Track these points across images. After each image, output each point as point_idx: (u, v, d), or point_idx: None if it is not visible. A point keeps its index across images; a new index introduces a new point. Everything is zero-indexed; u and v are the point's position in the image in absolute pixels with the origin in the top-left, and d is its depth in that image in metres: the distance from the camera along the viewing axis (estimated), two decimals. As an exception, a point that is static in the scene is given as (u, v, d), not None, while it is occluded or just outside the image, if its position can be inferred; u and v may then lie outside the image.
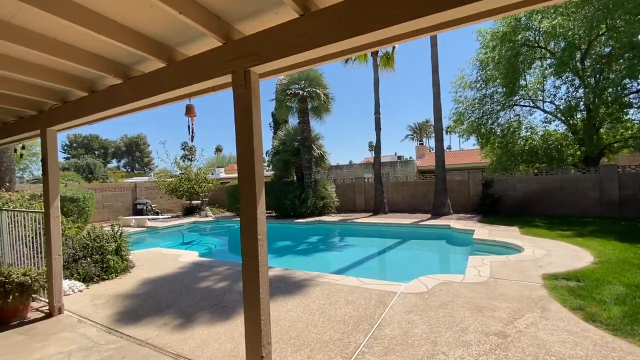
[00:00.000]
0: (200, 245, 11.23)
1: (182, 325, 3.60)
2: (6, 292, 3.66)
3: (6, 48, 2.67)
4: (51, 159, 3.99)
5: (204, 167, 19.32)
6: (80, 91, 3.41)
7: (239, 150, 2.26)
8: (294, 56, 2.05)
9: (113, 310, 4.09)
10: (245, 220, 2.25)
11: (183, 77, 2.58)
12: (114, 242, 5.81)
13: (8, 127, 4.71)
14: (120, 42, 2.37)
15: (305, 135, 14.81)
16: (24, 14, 2.20)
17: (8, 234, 5.09)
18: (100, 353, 3.04)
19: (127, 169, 58.33)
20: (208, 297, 4.47)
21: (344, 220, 13.02)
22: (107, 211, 16.31)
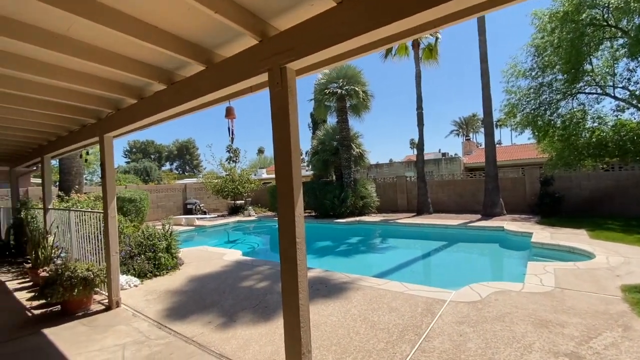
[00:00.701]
0: (244, 244, 11.59)
1: (225, 325, 3.66)
2: (72, 285, 4.00)
3: (67, 61, 2.89)
4: (108, 163, 4.30)
5: (246, 168, 20.06)
6: (131, 98, 3.61)
7: (276, 150, 2.19)
8: (332, 48, 1.93)
9: (163, 306, 4.30)
10: (283, 223, 2.17)
11: (221, 78, 2.59)
12: (165, 241, 6.16)
13: (73, 135, 5.19)
14: (163, 47, 2.42)
15: (343, 134, 14.65)
16: (78, 25, 2.33)
17: (76, 232, 5.62)
18: (151, 348, 3.18)
19: (179, 171, 62.62)
20: (250, 297, 4.52)
21: (385, 220, 12.64)
22: (160, 211, 17.56)
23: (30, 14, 2.18)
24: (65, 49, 2.47)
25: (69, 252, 5.67)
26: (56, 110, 4.11)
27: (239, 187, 17.97)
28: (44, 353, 3.16)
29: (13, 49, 2.65)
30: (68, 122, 4.81)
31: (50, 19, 2.24)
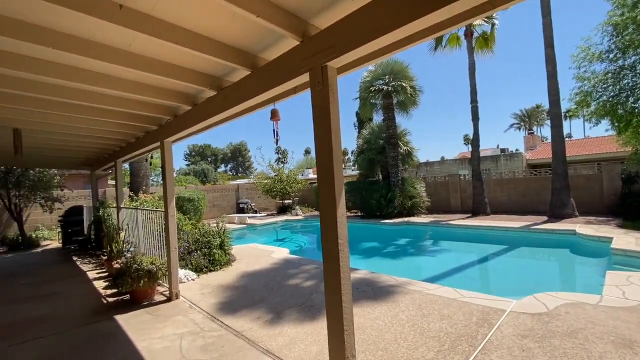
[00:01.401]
0: (291, 242, 11.87)
1: (272, 321, 3.75)
2: (139, 277, 4.43)
3: (131, 74, 3.19)
4: (168, 165, 4.68)
5: (294, 169, 20.57)
6: (186, 105, 3.88)
7: (317, 150, 2.17)
8: (374, 42, 1.85)
9: (216, 300, 4.55)
10: (325, 223, 2.14)
11: (265, 81, 2.65)
12: (219, 238, 6.54)
13: (139, 140, 5.75)
14: (213, 56, 2.55)
15: (390, 132, 14.25)
16: (139, 41, 2.55)
17: (143, 229, 6.23)
18: (205, 339, 3.38)
19: (232, 172, 66.32)
20: (296, 295, 4.59)
21: (436, 221, 12.01)
22: (216, 209, 18.76)
23: (98, 33, 2.44)
24: (129, 62, 2.73)
25: (137, 246, 6.29)
26: (125, 119, 4.58)
27: (287, 187, 18.49)
28: (115, 338, 3.53)
29: (87, 66, 3.00)
30: (135, 129, 5.34)
31: (115, 37, 2.49)
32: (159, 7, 2.11)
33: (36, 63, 2.79)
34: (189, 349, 3.19)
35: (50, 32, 2.34)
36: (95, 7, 1.95)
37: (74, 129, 5.20)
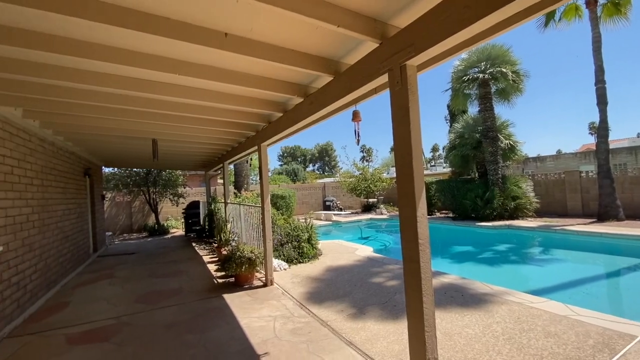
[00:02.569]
0: (375, 241, 11.82)
1: (355, 316, 3.89)
2: (241, 263, 5.12)
3: (233, 89, 3.74)
4: (264, 166, 5.27)
5: (379, 167, 20.36)
6: (277, 112, 4.32)
7: (396, 150, 2.20)
8: (458, 34, 1.77)
9: (304, 289, 4.93)
10: (404, 223, 2.15)
11: (347, 85, 2.78)
12: (307, 233, 7.02)
13: (241, 145, 6.60)
14: (299, 66, 2.81)
15: (487, 125, 12.81)
16: (241, 62, 2.99)
17: (244, 222, 7.13)
18: (294, 323, 3.73)
19: (319, 171, 69.16)
20: (379, 293, 4.62)
21: (546, 226, 10.33)
22: (304, 206, 19.96)
23: (210, 58, 2.94)
24: (233, 80, 3.21)
25: (240, 236, 7.24)
26: (230, 127, 5.35)
27: (371, 185, 18.43)
28: (223, 312, 4.18)
29: (202, 86, 3.64)
30: (237, 135, 6.17)
31: (223, 60, 2.97)
32: (255, 31, 2.45)
33: (167, 87, 3.53)
34: (281, 330, 3.57)
35: (176, 62, 2.94)
36: (212, 38, 2.39)
37: (194, 137, 6.31)
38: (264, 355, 3.03)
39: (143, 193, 13.69)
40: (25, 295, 4.33)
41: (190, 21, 2.30)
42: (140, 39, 2.54)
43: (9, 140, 4.08)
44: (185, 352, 3.16)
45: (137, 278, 6.11)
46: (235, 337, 3.43)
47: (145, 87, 3.44)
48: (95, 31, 2.42)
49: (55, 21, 2.27)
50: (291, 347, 3.16)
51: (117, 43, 2.63)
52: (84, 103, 3.97)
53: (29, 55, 2.79)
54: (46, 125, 5.05)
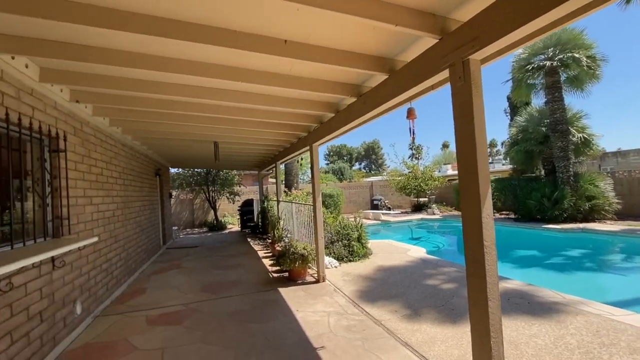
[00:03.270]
0: (427, 242, 11.39)
1: (410, 317, 3.82)
2: (295, 259, 5.32)
3: (288, 92, 3.90)
4: (315, 166, 5.41)
5: (430, 165, 19.53)
6: (330, 113, 4.41)
7: (458, 148, 2.12)
8: (530, 24, 1.66)
9: (356, 288, 4.96)
10: (468, 223, 2.08)
11: (402, 83, 2.75)
12: (357, 231, 7.03)
13: (293, 146, 6.83)
14: (353, 67, 2.85)
15: (556, 117, 11.58)
16: (297, 66, 3.12)
17: (296, 219, 7.37)
18: (348, 320, 3.79)
19: (366, 170, 68.39)
20: (435, 296, 4.48)
21: (631, 230, 9.06)
22: (352, 205, 19.93)
23: (270, 64, 3.11)
24: (288, 84, 3.36)
25: (292, 233, 7.49)
26: (283, 128, 5.58)
27: (422, 184, 17.75)
28: (279, 305, 4.39)
29: (259, 90, 3.85)
30: (289, 136, 6.40)
31: (280, 66, 3.12)
32: (313, 36, 2.54)
33: (227, 93, 3.81)
34: (335, 326, 3.65)
35: (239, 70, 3.16)
36: (273, 46, 2.54)
37: (250, 139, 6.69)
38: (320, 348, 3.13)
39: (203, 191, 14.83)
40: (112, 280, 4.99)
41: (255, 32, 2.46)
42: (209, 51, 2.78)
43: (100, 145, 4.72)
44: (247, 340, 3.39)
45: (201, 269, 6.66)
46: (292, 329, 3.59)
47: (209, 94, 3.75)
48: (167, 46, 2.71)
49: (135, 40, 2.58)
50: (346, 343, 3.22)
51: (188, 56, 2.91)
52: (157, 111, 4.45)
53: (113, 71, 3.21)
54: (126, 132, 5.74)
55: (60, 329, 3.35)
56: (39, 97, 3.18)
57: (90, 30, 2.34)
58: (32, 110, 3.05)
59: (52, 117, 3.39)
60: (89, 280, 4.12)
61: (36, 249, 2.71)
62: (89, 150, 4.28)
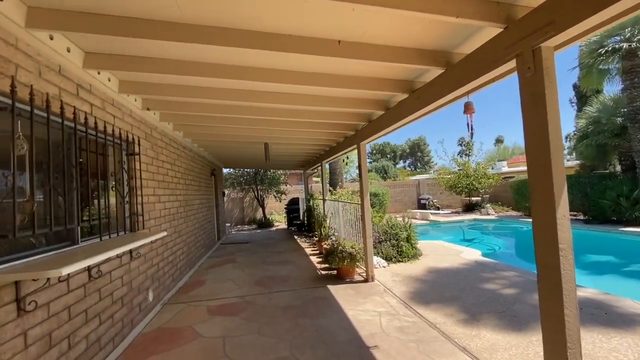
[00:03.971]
0: (481, 244, 10.71)
1: (467, 321, 3.64)
2: (343, 257, 5.35)
3: (340, 92, 3.93)
4: (363, 164, 5.37)
5: (482, 162, 18.32)
6: (379, 111, 4.35)
7: (527, 143, 1.98)
8: (618, 4, 1.50)
9: (407, 289, 4.85)
10: (539, 225, 1.93)
11: (460, 77, 2.63)
12: (405, 231, 6.86)
13: (339, 145, 6.86)
14: (406, 63, 2.79)
15: (636, 105, 10.18)
16: (350, 65, 3.13)
17: (342, 218, 7.40)
18: (400, 321, 3.72)
19: (411, 168, 66.14)
20: (494, 301, 4.21)
21: None
22: (397, 204, 19.44)
23: (322, 65, 3.16)
24: (340, 83, 3.38)
25: (338, 232, 7.54)
26: (330, 128, 5.63)
27: (474, 182, 16.72)
28: (329, 302, 4.45)
29: (309, 92, 3.93)
30: (336, 135, 6.44)
31: (334, 66, 3.16)
32: (366, 35, 2.54)
33: (279, 96, 3.94)
34: (387, 326, 3.60)
35: (292, 72, 3.26)
36: (326, 48, 2.58)
37: (297, 140, 6.86)
38: (373, 347, 3.12)
39: (252, 190, 15.54)
40: (177, 271, 5.45)
41: (310, 35, 2.52)
42: (265, 57, 2.90)
43: (165, 148, 5.17)
44: (300, 334, 3.50)
45: (253, 264, 6.99)
46: (343, 327, 3.63)
47: (262, 98, 3.91)
48: (227, 54, 2.88)
49: (196, 50, 2.78)
50: (400, 344, 3.17)
51: (245, 62, 3.07)
52: (213, 115, 4.76)
53: (178, 80, 3.50)
54: (187, 135, 6.22)
55: (137, 314, 3.75)
56: (118, 106, 3.59)
57: (165, 45, 2.59)
58: (113, 118, 3.45)
59: (128, 124, 3.80)
60: (159, 270, 4.55)
61: (119, 241, 3.06)
62: (157, 153, 4.72)
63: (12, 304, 1.99)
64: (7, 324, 1.94)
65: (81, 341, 2.66)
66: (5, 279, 1.89)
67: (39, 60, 2.34)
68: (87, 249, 2.63)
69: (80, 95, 2.84)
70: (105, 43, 2.66)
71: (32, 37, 2.22)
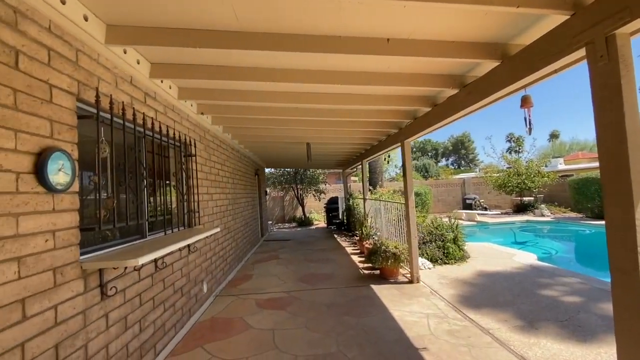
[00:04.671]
0: (535, 247, 9.93)
1: (523, 329, 3.43)
2: (387, 257, 5.29)
3: (385, 90, 3.90)
4: (407, 162, 5.27)
5: (535, 159, 16.95)
6: (425, 107, 4.24)
7: (600, 138, 1.83)
8: None
9: (455, 292, 4.67)
10: (613, 227, 1.77)
11: (519, 69, 2.48)
12: (452, 232, 6.60)
13: (381, 143, 6.78)
14: (456, 57, 2.70)
15: None
16: (396, 62, 3.10)
17: (384, 217, 7.31)
18: (450, 325, 3.60)
19: (454, 166, 63.15)
20: (554, 309, 3.91)
21: None
22: (440, 204, 18.70)
23: (368, 63, 3.17)
24: (385, 81, 3.35)
25: (380, 231, 7.46)
26: (372, 127, 5.59)
27: (527, 181, 15.53)
28: (373, 301, 4.43)
29: (353, 91, 3.94)
30: (378, 134, 6.38)
31: (379, 64, 3.15)
32: (417, 31, 2.50)
33: (322, 96, 4.00)
34: (436, 329, 3.51)
35: (338, 73, 3.30)
36: (375, 46, 2.58)
37: (338, 139, 6.91)
38: (422, 349, 3.07)
39: (292, 189, 15.90)
40: (227, 265, 5.77)
41: (359, 35, 2.54)
42: (313, 59, 2.98)
43: (216, 149, 5.50)
44: (346, 332, 3.53)
45: (296, 261, 7.17)
46: (389, 327, 3.60)
47: (306, 99, 3.99)
48: (277, 59, 3.00)
49: (246, 55, 2.92)
50: (451, 348, 3.08)
51: (293, 65, 3.17)
52: (259, 117, 4.95)
53: (230, 85, 3.71)
54: (235, 137, 6.54)
55: (194, 303, 4.04)
56: (177, 111, 3.89)
57: (219, 52, 2.78)
58: (173, 122, 3.75)
59: (186, 128, 4.11)
60: (211, 264, 4.86)
61: (180, 235, 3.33)
62: (209, 154, 5.04)
63: (97, 289, 2.26)
64: (93, 306, 2.21)
65: (149, 325, 2.94)
66: (93, 267, 2.16)
67: (116, 73, 2.63)
68: (155, 242, 2.90)
69: (147, 103, 3.13)
70: (167, 54, 2.90)
71: (110, 52, 2.49)
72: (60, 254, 1.92)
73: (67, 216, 1.99)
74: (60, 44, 2.02)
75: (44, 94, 1.87)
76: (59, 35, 2.01)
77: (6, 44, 1.65)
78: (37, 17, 1.84)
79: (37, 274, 1.76)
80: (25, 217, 1.70)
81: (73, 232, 2.04)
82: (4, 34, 1.64)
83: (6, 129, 1.63)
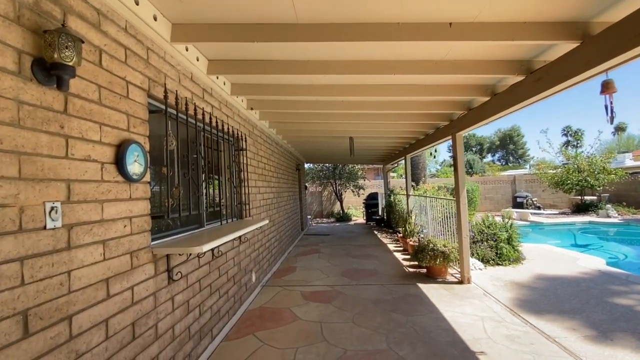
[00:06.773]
0: (601, 251, 8.98)
1: (596, 339, 3.10)
2: (435, 256, 5.08)
3: (438, 79, 3.71)
4: (459, 157, 4.99)
5: (597, 155, 15.26)
6: (482, 97, 3.97)
7: None
8: None
9: (511, 295, 4.36)
10: None
11: (604, 50, 2.21)
12: (506, 232, 6.17)
13: (428, 137, 6.50)
14: (525, 39, 2.47)
15: None
16: (455, 49, 2.92)
17: (430, 214, 7.03)
18: (508, 330, 3.37)
19: (502, 162, 59.17)
20: (631, 319, 3.50)
21: None
22: (488, 202, 17.62)
23: (421, 52, 3.02)
24: (441, 70, 3.18)
25: (425, 229, 7.19)
26: (419, 119, 5.38)
27: (589, 178, 14.07)
28: (421, 300, 4.28)
29: (403, 81, 3.79)
30: (425, 127, 6.12)
31: (436, 51, 2.98)
32: (484, 13, 2.31)
33: (368, 88, 3.90)
34: (493, 333, 3.30)
35: (389, 62, 3.18)
36: (436, 32, 2.44)
37: (382, 133, 6.75)
38: (480, 353, 2.90)
39: (331, 184, 15.91)
40: (272, 257, 5.92)
41: (419, 20, 2.42)
42: (365, 49, 2.90)
43: (263, 144, 5.63)
44: (395, 329, 3.45)
45: (338, 255, 7.17)
46: (441, 327, 3.45)
47: (352, 91, 3.93)
48: (328, 50, 2.95)
49: (298, 48, 2.90)
50: (512, 354, 2.87)
51: (343, 56, 3.11)
52: (304, 112, 4.96)
53: (277, 79, 3.75)
54: (279, 132, 6.66)
55: (244, 292, 4.20)
56: (230, 107, 4.02)
57: (272, 46, 2.80)
58: (226, 117, 3.88)
59: (237, 123, 4.24)
60: (259, 255, 5.01)
61: (234, 226, 3.46)
62: (257, 149, 5.17)
63: (165, 273, 2.41)
64: (162, 289, 2.36)
65: (207, 310, 3.09)
66: (162, 252, 2.31)
67: (179, 70, 2.76)
68: (212, 232, 3.03)
69: (205, 98, 3.27)
70: (223, 50, 2.99)
71: (174, 49, 2.62)
72: (135, 239, 2.07)
73: (141, 204, 2.13)
74: (134, 42, 2.15)
75: (122, 89, 2.00)
76: (133, 35, 2.15)
77: (92, 43, 1.78)
78: (115, 17, 1.98)
79: (118, 257, 1.91)
80: (108, 204, 1.85)
81: (145, 219, 2.19)
82: (91, 35, 1.77)
83: (93, 122, 1.77)
